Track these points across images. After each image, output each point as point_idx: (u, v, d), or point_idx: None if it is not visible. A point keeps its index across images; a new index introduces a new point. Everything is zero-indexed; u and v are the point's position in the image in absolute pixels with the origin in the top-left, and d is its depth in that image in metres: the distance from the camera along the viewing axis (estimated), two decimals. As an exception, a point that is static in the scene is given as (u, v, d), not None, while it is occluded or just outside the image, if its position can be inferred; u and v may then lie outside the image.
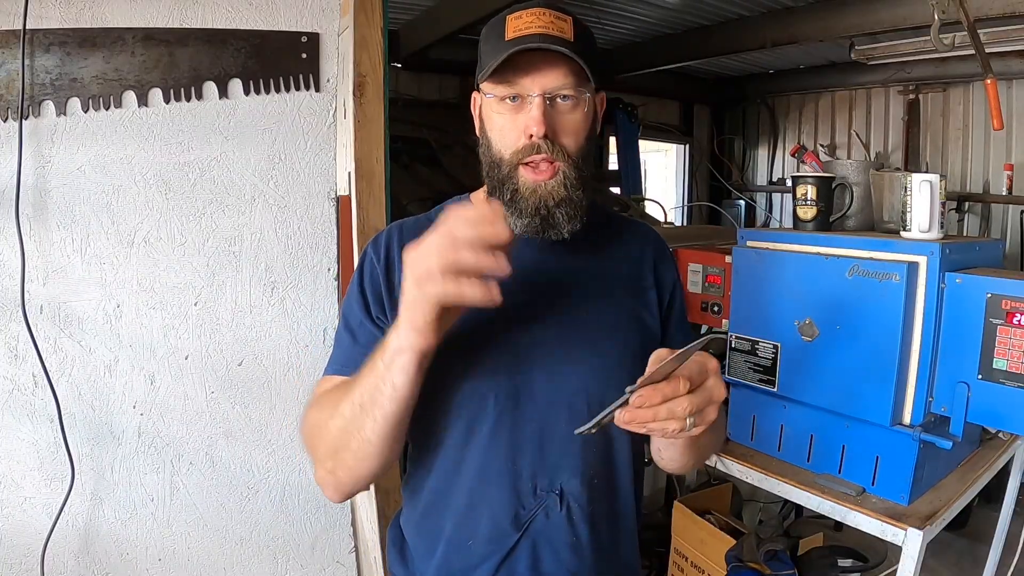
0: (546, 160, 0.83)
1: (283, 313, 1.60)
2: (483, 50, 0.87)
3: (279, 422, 1.62)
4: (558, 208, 0.84)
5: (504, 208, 0.84)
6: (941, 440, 1.21)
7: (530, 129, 0.82)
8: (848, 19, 3.10)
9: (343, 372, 0.87)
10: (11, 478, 1.41)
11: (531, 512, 0.87)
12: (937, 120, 4.28)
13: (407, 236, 0.89)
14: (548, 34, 0.81)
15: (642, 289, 0.98)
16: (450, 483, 0.89)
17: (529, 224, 0.84)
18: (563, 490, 0.87)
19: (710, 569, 1.81)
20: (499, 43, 0.83)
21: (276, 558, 1.67)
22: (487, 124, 0.88)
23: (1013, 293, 1.12)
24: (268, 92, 1.52)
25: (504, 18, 0.85)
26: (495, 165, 0.86)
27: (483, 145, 0.89)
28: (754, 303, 1.44)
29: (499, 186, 0.86)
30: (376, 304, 0.89)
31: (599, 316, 0.91)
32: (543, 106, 0.82)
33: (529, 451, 0.86)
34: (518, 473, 0.86)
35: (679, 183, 5.63)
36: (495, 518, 0.87)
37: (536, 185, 0.84)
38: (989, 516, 1.91)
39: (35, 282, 1.38)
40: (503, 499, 0.87)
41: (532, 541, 0.87)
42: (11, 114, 1.33)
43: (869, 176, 1.47)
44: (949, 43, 1.68)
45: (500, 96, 0.84)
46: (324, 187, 1.61)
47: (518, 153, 0.84)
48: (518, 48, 0.79)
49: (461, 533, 0.88)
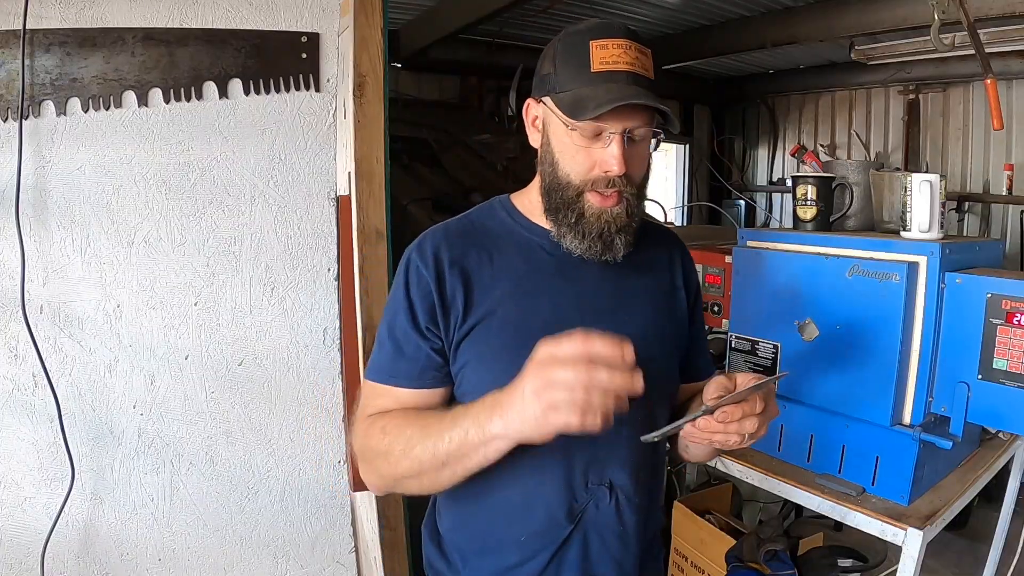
0: (616, 190, 0.86)
1: (283, 313, 1.60)
2: (561, 71, 0.86)
3: (279, 422, 1.62)
4: (619, 233, 0.88)
5: (566, 229, 0.88)
6: (941, 440, 1.21)
7: (609, 166, 0.84)
8: (848, 19, 3.10)
9: (390, 382, 0.91)
10: (11, 478, 1.41)
11: (583, 504, 0.91)
12: (937, 120, 4.28)
13: (454, 242, 0.91)
14: (635, 72, 0.84)
15: (675, 290, 1.03)
16: (502, 483, 0.91)
17: (591, 247, 0.88)
18: (612, 482, 0.92)
19: (710, 569, 1.81)
20: (583, 72, 0.84)
21: (276, 558, 1.67)
22: (555, 144, 0.89)
23: (1013, 293, 1.12)
24: (268, 92, 1.52)
25: (586, 41, 0.85)
26: (560, 187, 0.88)
27: (545, 161, 0.90)
28: (754, 303, 1.44)
29: (563, 207, 0.88)
30: (426, 315, 0.89)
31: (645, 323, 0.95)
32: (623, 145, 0.84)
33: (581, 448, 0.89)
34: (571, 468, 0.90)
35: (679, 183, 5.62)
36: (550, 512, 0.90)
37: (602, 211, 0.87)
38: (989, 516, 1.91)
39: (35, 282, 1.38)
40: (558, 494, 0.90)
41: (583, 532, 0.92)
42: (11, 114, 1.33)
43: (869, 176, 1.47)
44: (949, 43, 1.68)
45: (581, 127, 0.84)
46: (324, 187, 1.61)
47: (589, 182, 0.86)
48: (620, 103, 0.80)
49: (515, 529, 0.92)
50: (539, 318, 0.88)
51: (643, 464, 0.95)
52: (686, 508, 1.92)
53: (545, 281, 0.92)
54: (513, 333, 0.88)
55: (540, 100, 0.90)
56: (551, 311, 0.90)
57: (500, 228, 0.96)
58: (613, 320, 0.91)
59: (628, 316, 0.94)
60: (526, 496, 0.90)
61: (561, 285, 0.92)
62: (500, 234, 0.95)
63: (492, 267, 0.91)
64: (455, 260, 0.90)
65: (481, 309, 0.89)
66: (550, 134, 0.89)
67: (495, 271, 0.91)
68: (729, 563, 1.69)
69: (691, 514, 1.90)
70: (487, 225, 0.96)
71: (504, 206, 0.98)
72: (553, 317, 0.88)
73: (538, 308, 0.90)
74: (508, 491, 0.91)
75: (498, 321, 0.88)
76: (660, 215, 3.65)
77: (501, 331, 0.88)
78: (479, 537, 0.94)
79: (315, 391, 1.64)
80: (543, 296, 0.91)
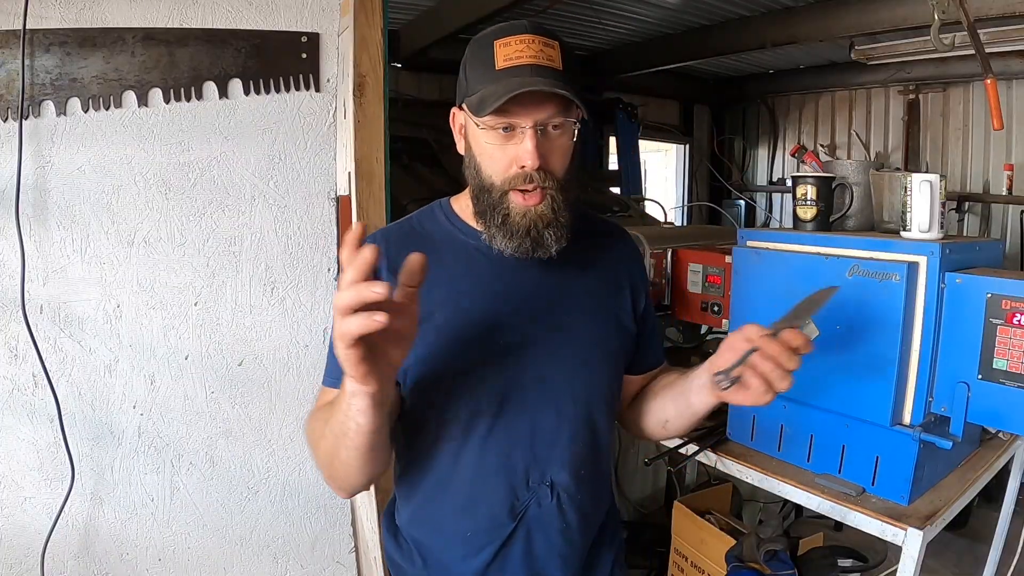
0: (537, 187, 0.86)
1: (283, 313, 1.60)
2: (470, 75, 0.88)
3: (279, 422, 1.62)
4: (547, 229, 0.88)
5: (495, 230, 0.89)
6: (941, 440, 1.21)
7: (523, 161, 0.85)
8: (848, 19, 3.10)
9: (330, 384, 0.93)
10: (11, 478, 1.41)
11: (525, 503, 0.94)
12: (937, 120, 4.28)
13: (393, 247, 0.91)
14: (539, 64, 0.83)
15: (619, 290, 1.03)
16: (448, 480, 0.94)
17: (520, 245, 0.89)
18: (553, 482, 0.95)
19: (710, 569, 1.81)
20: (488, 72, 0.85)
21: (276, 558, 1.67)
22: (475, 148, 0.90)
23: (1013, 293, 1.12)
24: (268, 92, 1.53)
25: (491, 42, 0.85)
26: (484, 190, 0.89)
27: (469, 166, 0.92)
28: (754, 303, 1.44)
29: (489, 210, 0.89)
30: None
31: (583, 324, 0.97)
32: (536, 138, 0.84)
33: (521, 448, 0.93)
34: (512, 468, 0.93)
35: (679, 183, 5.63)
36: (493, 510, 0.93)
37: (526, 209, 0.87)
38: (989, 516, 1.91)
39: (35, 282, 1.38)
40: (500, 493, 0.93)
41: (526, 529, 0.95)
42: (11, 114, 1.33)
43: (869, 176, 1.47)
44: (949, 43, 1.68)
45: (491, 125, 0.85)
46: (324, 187, 1.61)
47: (509, 180, 0.87)
48: (516, 92, 0.80)
49: (461, 525, 0.94)
50: (478, 324, 0.90)
51: (585, 461, 0.97)
52: (686, 508, 1.92)
53: (483, 284, 0.93)
54: (450, 336, 0.89)
55: (461, 107, 0.91)
56: (491, 316, 0.91)
57: (439, 232, 0.97)
58: (549, 322, 0.94)
59: (567, 317, 0.95)
60: (470, 495, 0.93)
61: (498, 288, 0.93)
62: (439, 238, 0.96)
63: (430, 271, 0.91)
64: (393, 266, 0.89)
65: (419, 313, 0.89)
66: (470, 139, 0.90)
67: (433, 275, 0.90)
68: (729, 563, 1.69)
69: (691, 514, 1.90)
70: (427, 228, 0.98)
71: (443, 209, 1.00)
72: (491, 320, 0.91)
73: (475, 314, 0.91)
74: (455, 489, 0.94)
75: (435, 327, 0.89)
76: (660, 215, 3.66)
77: (438, 335, 0.89)
78: (432, 532, 0.98)
79: (315, 391, 1.62)
80: (479, 299, 0.92)
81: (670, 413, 1.04)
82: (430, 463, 0.94)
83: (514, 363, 0.91)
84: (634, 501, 2.53)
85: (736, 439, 1.55)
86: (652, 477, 2.61)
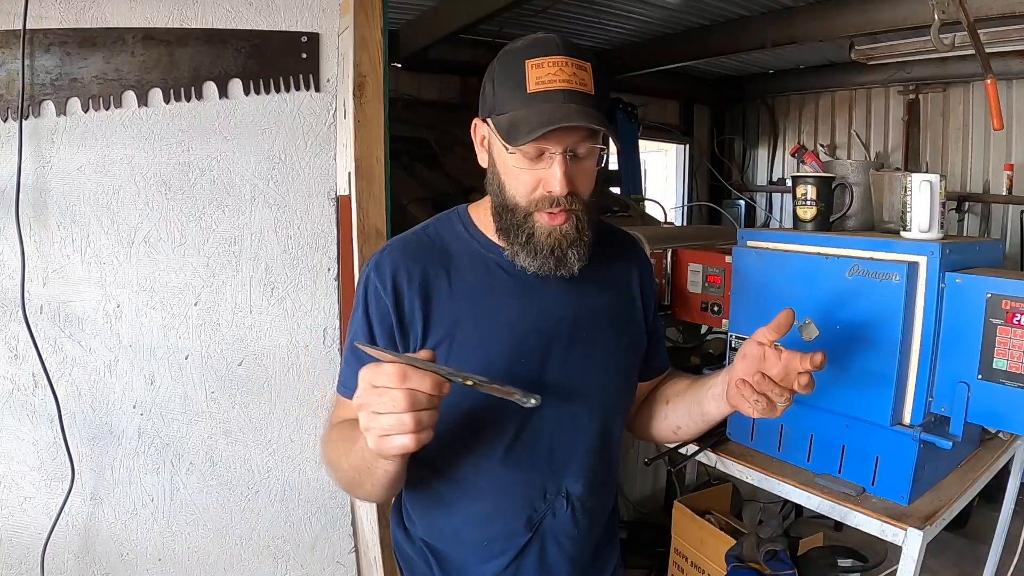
0: (563, 209, 0.86)
1: (283, 313, 1.60)
2: (498, 92, 0.86)
3: (279, 422, 1.62)
4: (571, 248, 0.89)
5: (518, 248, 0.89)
6: (941, 440, 1.21)
7: (551, 187, 0.84)
8: (848, 19, 3.10)
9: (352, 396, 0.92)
10: (11, 478, 1.41)
11: (541, 514, 0.96)
12: (937, 120, 4.28)
13: (412, 259, 0.91)
14: (572, 89, 0.82)
15: (632, 302, 1.04)
16: (468, 492, 0.95)
17: (543, 264, 0.89)
18: (568, 492, 0.96)
19: (710, 569, 1.81)
20: (519, 93, 0.83)
21: (276, 558, 1.67)
22: (500, 167, 0.88)
23: (1013, 293, 1.12)
24: (268, 92, 1.52)
25: (523, 61, 0.83)
26: (508, 209, 0.88)
27: (492, 183, 0.90)
28: (754, 303, 1.44)
29: (513, 228, 0.88)
30: (384, 337, 0.90)
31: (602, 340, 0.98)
32: (565, 164, 0.83)
33: (541, 463, 0.94)
34: (532, 483, 0.95)
35: (679, 183, 5.63)
36: (510, 523, 0.95)
37: (552, 229, 0.87)
38: (989, 516, 1.91)
39: (35, 282, 1.38)
40: (518, 506, 0.95)
41: (541, 538, 0.96)
42: (11, 114, 1.33)
43: (869, 176, 1.47)
44: (949, 43, 1.68)
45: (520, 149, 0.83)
46: (324, 187, 1.61)
47: (535, 203, 0.86)
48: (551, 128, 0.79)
49: (478, 534, 0.96)
50: (499, 342, 0.90)
51: (598, 471, 0.99)
52: (686, 508, 1.92)
53: (504, 302, 0.92)
54: (471, 357, 0.89)
55: (485, 120, 0.89)
56: (510, 334, 0.91)
57: (458, 244, 0.95)
58: (570, 339, 0.94)
59: (586, 334, 0.96)
60: (489, 508, 0.95)
61: (520, 306, 0.92)
62: (458, 251, 0.95)
63: (450, 287, 0.91)
64: (413, 280, 0.90)
65: (440, 330, 0.90)
66: (495, 156, 0.89)
67: (453, 291, 0.91)
68: (729, 563, 1.69)
69: (691, 514, 1.90)
70: (445, 239, 0.96)
71: (462, 219, 0.98)
72: (512, 341, 0.90)
73: (497, 332, 0.91)
74: (474, 501, 0.95)
75: (457, 345, 0.89)
76: (660, 215, 3.65)
77: (459, 354, 0.89)
78: (448, 539, 0.99)
79: (315, 391, 1.64)
80: (501, 317, 0.91)
81: (683, 420, 1.06)
82: (449, 476, 0.95)
83: (535, 379, 0.91)
84: (634, 501, 2.52)
85: (736, 439, 1.55)
86: (652, 477, 2.61)
